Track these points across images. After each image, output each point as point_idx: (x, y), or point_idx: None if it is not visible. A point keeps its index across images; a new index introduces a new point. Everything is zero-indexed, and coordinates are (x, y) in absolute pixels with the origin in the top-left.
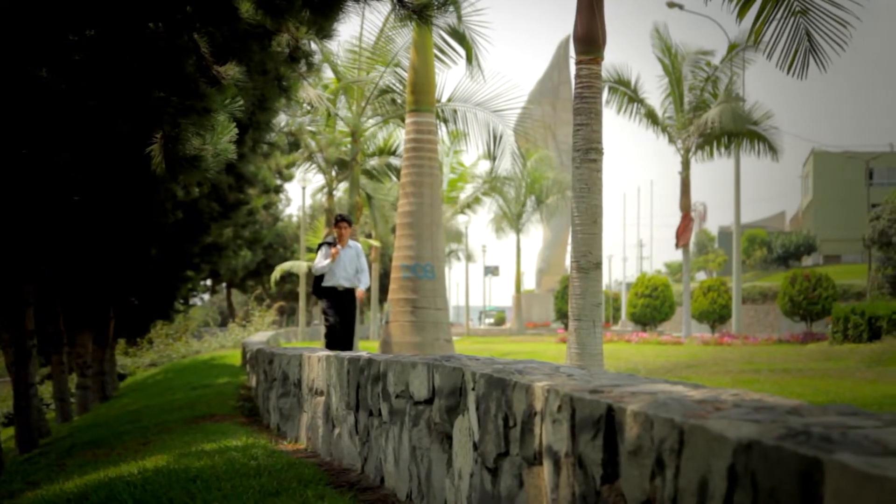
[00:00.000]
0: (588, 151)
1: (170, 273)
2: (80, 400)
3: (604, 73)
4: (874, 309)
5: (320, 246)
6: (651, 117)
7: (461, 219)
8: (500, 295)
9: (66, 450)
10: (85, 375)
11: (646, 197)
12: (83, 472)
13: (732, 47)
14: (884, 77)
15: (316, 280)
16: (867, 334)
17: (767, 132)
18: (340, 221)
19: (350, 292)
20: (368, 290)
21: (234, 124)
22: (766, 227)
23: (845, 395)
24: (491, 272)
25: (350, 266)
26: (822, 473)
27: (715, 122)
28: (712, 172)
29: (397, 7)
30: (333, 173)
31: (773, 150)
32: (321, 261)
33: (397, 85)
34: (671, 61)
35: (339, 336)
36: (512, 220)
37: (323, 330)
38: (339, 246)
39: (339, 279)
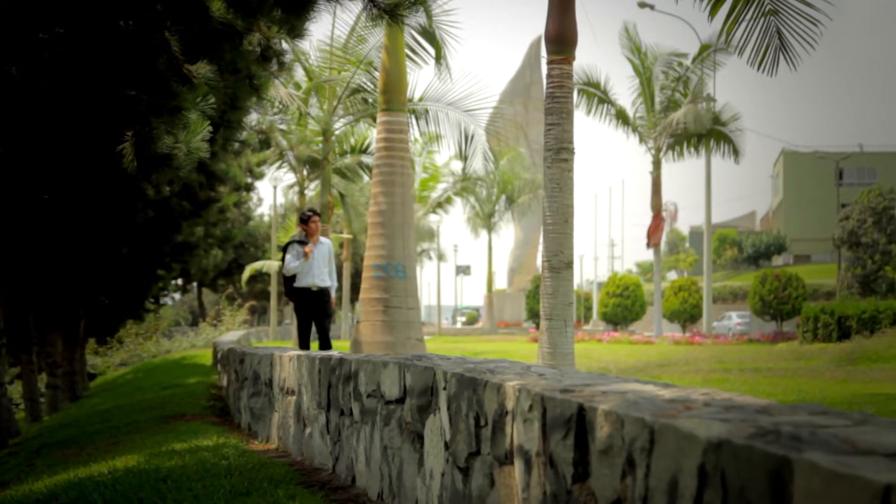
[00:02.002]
0: (559, 151)
1: (140, 272)
2: (50, 400)
3: (573, 75)
4: (844, 308)
5: (288, 245)
6: (621, 117)
7: (433, 218)
8: (472, 294)
9: (36, 450)
10: (55, 375)
11: (617, 197)
12: (53, 473)
13: (704, 48)
14: (854, 78)
15: (287, 281)
16: (837, 334)
17: (733, 133)
18: (312, 216)
19: (324, 292)
20: (339, 289)
21: (208, 122)
22: (737, 226)
23: (815, 395)
24: (462, 272)
25: (323, 264)
26: (792, 472)
27: (681, 123)
28: (683, 172)
29: (369, 6)
30: (305, 172)
31: (736, 152)
32: (292, 261)
33: (369, 84)
34: (641, 61)
35: (319, 337)
36: (484, 219)
37: (294, 331)
38: (311, 244)
39: (313, 279)
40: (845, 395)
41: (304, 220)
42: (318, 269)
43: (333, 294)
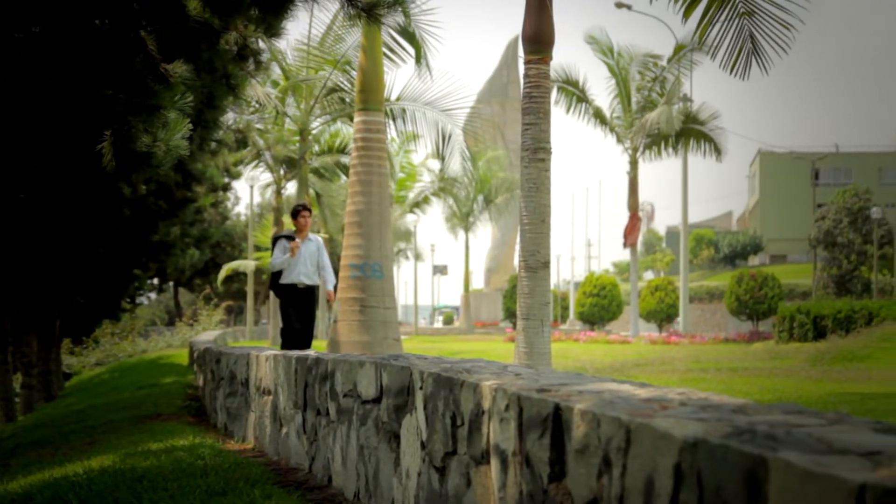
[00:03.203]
0: (536, 151)
1: (117, 271)
2: (25, 399)
3: (552, 73)
4: (819, 308)
5: (277, 239)
6: (599, 117)
7: (410, 218)
8: (449, 294)
9: (11, 450)
10: (30, 375)
11: (594, 197)
12: (28, 473)
13: (679, 48)
14: (829, 79)
15: (274, 276)
16: (812, 333)
17: (713, 132)
18: (302, 210)
19: (310, 290)
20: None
21: (188, 120)
22: (714, 226)
23: (790, 394)
24: (439, 271)
25: (311, 261)
26: (767, 471)
27: (655, 124)
28: (660, 172)
29: (346, 6)
30: (282, 172)
31: (717, 150)
32: (279, 256)
33: (346, 83)
34: (616, 62)
35: (298, 336)
36: (461, 219)
37: (271, 331)
38: (298, 239)
39: (299, 275)
40: (821, 395)
41: (293, 215)
42: (305, 266)
43: (330, 286)
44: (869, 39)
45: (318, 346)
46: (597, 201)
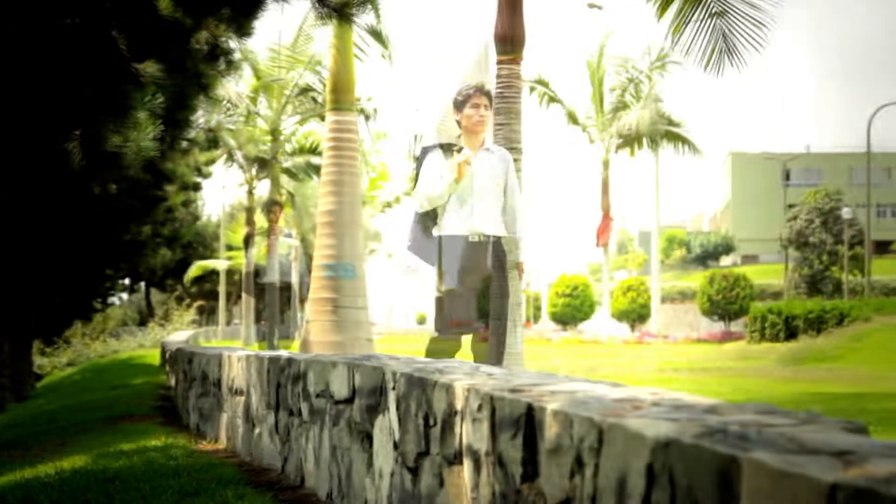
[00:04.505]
0: (509, 151)
1: (88, 272)
2: None
3: (524, 73)
4: (791, 308)
5: (425, 153)
6: (571, 118)
7: (384, 217)
8: (422, 294)
9: None
10: (2, 375)
11: (566, 197)
12: None
13: (661, 56)
14: (801, 79)
15: (420, 229)
16: (784, 333)
17: (687, 133)
18: (475, 93)
19: (494, 244)
20: (287, 286)
21: (159, 121)
22: (686, 226)
23: (762, 394)
24: (412, 272)
25: (495, 188)
26: (739, 471)
27: (631, 127)
28: (633, 172)
29: (317, 6)
30: (254, 171)
31: (696, 150)
32: (433, 182)
33: (318, 83)
34: (587, 65)
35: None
36: (434, 219)
37: (244, 331)
38: (468, 151)
39: (473, 221)
40: (792, 395)
41: (465, 100)
42: (482, 201)
43: (522, 256)
44: (841, 39)
45: (291, 347)
46: (569, 201)
